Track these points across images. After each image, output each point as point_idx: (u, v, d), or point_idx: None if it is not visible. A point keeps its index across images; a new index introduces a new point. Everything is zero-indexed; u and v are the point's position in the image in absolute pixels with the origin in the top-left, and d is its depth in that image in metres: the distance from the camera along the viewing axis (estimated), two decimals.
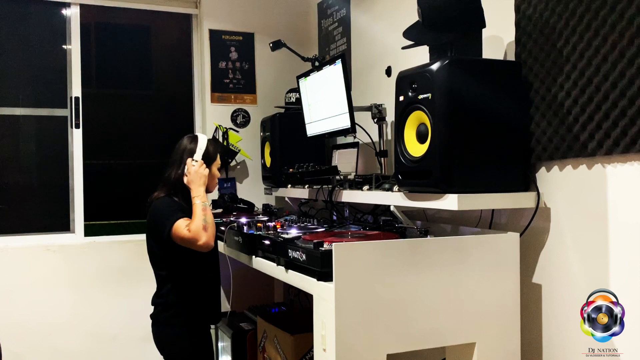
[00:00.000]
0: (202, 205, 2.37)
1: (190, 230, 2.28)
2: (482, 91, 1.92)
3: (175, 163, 2.51)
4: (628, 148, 1.68)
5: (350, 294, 1.75)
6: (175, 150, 2.55)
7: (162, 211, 2.40)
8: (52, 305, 3.47)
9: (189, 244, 2.31)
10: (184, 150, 2.52)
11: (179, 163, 2.50)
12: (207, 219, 2.33)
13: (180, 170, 2.48)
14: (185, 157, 2.49)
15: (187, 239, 2.29)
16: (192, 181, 2.44)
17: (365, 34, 3.27)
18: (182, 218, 2.34)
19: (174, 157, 2.53)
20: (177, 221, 2.33)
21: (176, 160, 2.51)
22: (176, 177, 2.47)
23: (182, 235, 2.30)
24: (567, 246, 1.95)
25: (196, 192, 2.41)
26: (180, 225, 2.31)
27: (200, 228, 2.29)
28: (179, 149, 2.53)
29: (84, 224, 3.66)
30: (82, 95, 3.68)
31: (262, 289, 3.82)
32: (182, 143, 2.55)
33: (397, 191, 2.16)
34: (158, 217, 2.40)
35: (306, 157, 2.98)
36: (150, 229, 2.46)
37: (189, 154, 2.50)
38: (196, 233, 2.28)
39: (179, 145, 2.55)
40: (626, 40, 1.68)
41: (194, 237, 2.28)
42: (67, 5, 3.68)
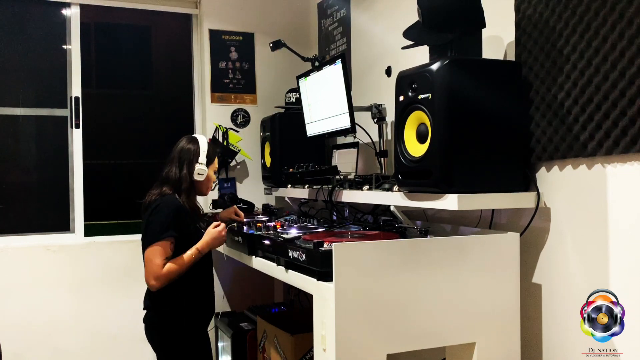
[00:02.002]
0: (193, 258, 2.38)
1: (162, 274, 2.30)
2: (482, 91, 1.92)
3: (175, 162, 2.50)
4: (628, 148, 1.68)
5: (350, 294, 1.75)
6: (173, 149, 2.55)
7: (160, 219, 2.36)
8: (52, 305, 3.47)
9: (148, 271, 2.32)
10: (182, 150, 2.52)
11: (179, 162, 2.49)
12: (179, 274, 2.35)
13: (185, 171, 2.47)
14: (188, 158, 2.49)
15: (150, 269, 2.31)
16: (208, 239, 2.44)
17: (365, 34, 3.27)
18: (169, 241, 2.33)
19: (172, 155, 2.53)
20: (161, 242, 2.32)
21: (175, 159, 2.50)
22: (179, 177, 2.46)
23: (152, 263, 2.30)
24: (567, 246, 1.95)
25: (201, 246, 2.42)
26: (158, 251, 2.31)
27: (169, 279, 2.32)
28: (178, 148, 2.53)
29: (84, 224, 3.66)
30: (82, 95, 3.67)
31: (262, 289, 3.82)
32: (181, 143, 2.55)
33: (397, 191, 2.16)
34: (153, 222, 2.36)
35: (306, 157, 2.98)
36: (144, 225, 2.42)
37: (191, 155, 2.50)
38: (163, 278, 2.31)
39: (177, 144, 2.55)
40: (626, 40, 1.68)
41: (158, 278, 2.30)
42: (67, 5, 3.68)
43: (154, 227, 2.35)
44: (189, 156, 2.50)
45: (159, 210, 2.38)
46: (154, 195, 2.45)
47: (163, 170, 2.52)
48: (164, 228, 2.33)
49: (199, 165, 2.50)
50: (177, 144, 2.56)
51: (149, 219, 2.39)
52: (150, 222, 2.37)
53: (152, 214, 2.39)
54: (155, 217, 2.37)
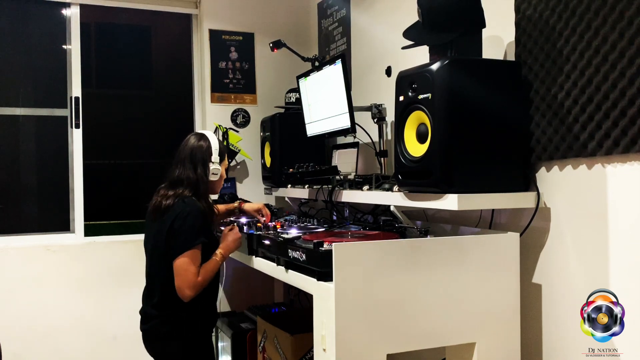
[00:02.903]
0: (219, 264, 2.32)
1: (199, 283, 2.22)
2: (482, 91, 1.92)
3: (187, 162, 2.38)
4: (628, 148, 1.68)
5: (350, 294, 1.75)
6: (182, 148, 2.42)
7: (189, 225, 2.24)
8: (52, 305, 3.46)
9: (183, 281, 2.21)
10: (194, 149, 2.40)
11: (193, 163, 2.37)
12: (210, 279, 2.29)
13: (200, 171, 2.36)
14: (201, 157, 2.38)
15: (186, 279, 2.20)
16: (229, 242, 2.38)
17: (365, 34, 3.27)
18: (199, 248, 2.25)
19: (183, 155, 2.40)
20: (194, 250, 2.23)
21: (188, 160, 2.38)
22: (195, 179, 2.35)
23: (188, 272, 2.20)
24: (567, 246, 1.95)
25: (224, 250, 2.35)
26: (192, 260, 2.22)
27: (202, 287, 2.25)
28: (189, 147, 2.41)
29: (84, 224, 3.66)
30: (82, 95, 3.67)
31: (262, 289, 3.82)
32: (190, 141, 2.43)
33: (397, 191, 2.16)
34: (183, 228, 2.24)
35: (306, 157, 2.98)
36: (167, 230, 2.26)
37: (204, 154, 2.39)
38: (198, 287, 2.23)
39: (186, 143, 2.43)
40: (626, 40, 1.68)
41: (194, 287, 2.21)
42: (67, 5, 3.68)
43: (185, 235, 2.23)
44: (202, 155, 2.39)
45: (186, 216, 2.25)
46: (171, 198, 2.31)
47: (173, 171, 2.39)
48: (195, 235, 2.23)
49: (213, 164, 2.40)
50: (186, 143, 2.43)
51: (173, 225, 2.25)
52: (179, 228, 2.24)
53: (177, 219, 2.25)
54: (184, 223, 2.24)
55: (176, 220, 2.25)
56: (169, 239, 2.26)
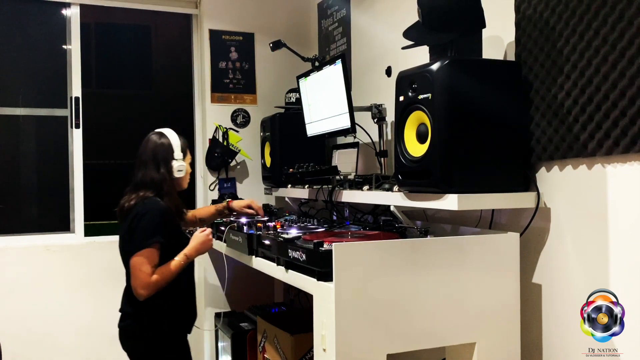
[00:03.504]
0: (181, 265, 2.31)
1: (152, 282, 2.22)
2: (482, 91, 1.92)
3: (149, 163, 2.38)
4: (628, 148, 1.68)
5: (350, 294, 1.75)
6: (143, 149, 2.41)
7: (145, 224, 2.26)
8: (52, 305, 3.47)
9: (136, 280, 2.22)
10: (155, 148, 2.40)
11: (155, 162, 2.37)
12: (168, 282, 2.27)
13: (163, 170, 2.37)
14: (163, 156, 2.38)
15: (139, 278, 2.21)
16: (196, 244, 2.37)
17: (365, 34, 3.27)
18: (155, 247, 2.24)
19: (145, 156, 2.39)
20: (149, 250, 2.23)
21: (150, 160, 2.38)
22: (159, 179, 2.36)
23: (141, 272, 2.21)
24: (567, 246, 1.95)
25: (189, 251, 2.35)
26: (146, 259, 2.22)
27: (158, 287, 2.24)
28: (150, 146, 2.40)
29: (84, 224, 3.66)
30: (82, 95, 3.68)
31: (262, 289, 3.82)
32: (151, 140, 2.42)
33: (397, 191, 2.16)
34: (138, 228, 2.26)
35: (306, 157, 2.98)
36: (128, 231, 2.30)
37: (165, 152, 2.39)
38: (152, 287, 2.22)
39: (147, 143, 2.42)
40: (626, 40, 1.68)
41: (147, 287, 2.21)
42: (67, 5, 3.68)
43: (139, 234, 2.25)
44: (164, 154, 2.39)
45: (143, 215, 2.27)
46: (134, 199, 2.33)
47: (137, 173, 2.39)
48: (150, 234, 2.24)
49: (176, 161, 2.40)
50: (147, 143, 2.42)
51: (131, 225, 2.28)
52: (135, 228, 2.26)
53: (135, 219, 2.28)
54: (140, 222, 2.26)
55: (134, 220, 2.28)
56: (129, 238, 2.30)
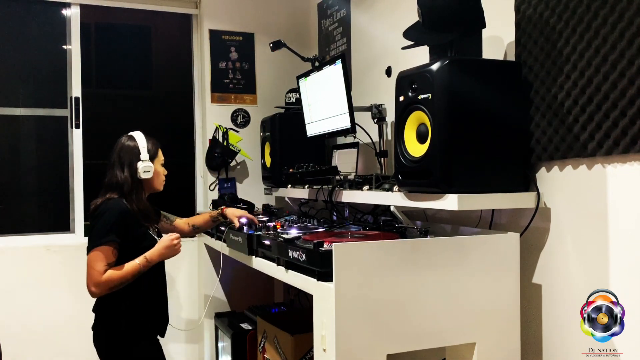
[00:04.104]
0: (139, 267, 2.30)
1: (102, 281, 2.23)
2: (482, 91, 1.92)
3: (117, 165, 2.41)
4: (628, 148, 1.68)
5: (350, 294, 1.75)
6: (113, 151, 2.45)
7: (101, 223, 2.28)
8: (52, 305, 3.47)
9: (88, 277, 2.25)
10: (121, 151, 2.43)
11: (120, 164, 2.40)
12: (123, 283, 2.27)
13: (126, 173, 2.39)
14: (128, 158, 2.41)
15: (90, 275, 2.24)
16: (160, 248, 2.37)
17: (365, 34, 3.27)
18: (111, 246, 2.25)
19: (113, 158, 2.43)
20: (102, 248, 2.24)
21: (116, 162, 2.41)
22: (124, 180, 2.38)
23: (93, 269, 2.23)
24: (567, 246, 1.95)
25: (150, 255, 2.35)
26: (99, 257, 2.24)
27: (110, 287, 2.25)
28: (117, 149, 2.44)
29: (84, 224, 3.66)
30: (82, 95, 3.68)
31: (262, 289, 3.82)
32: (120, 143, 2.46)
33: (397, 191, 2.16)
34: (94, 226, 2.30)
35: (306, 157, 2.98)
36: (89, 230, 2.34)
37: (130, 154, 2.41)
38: (103, 285, 2.23)
39: (116, 146, 2.46)
40: (626, 41, 1.68)
41: (98, 285, 2.23)
42: (67, 5, 3.68)
43: (95, 232, 2.28)
44: (129, 156, 2.42)
45: (101, 215, 2.30)
46: (99, 201, 2.37)
47: (106, 176, 2.43)
48: (104, 232, 2.26)
49: (142, 162, 2.41)
50: (115, 147, 2.46)
51: (91, 223, 2.33)
52: (93, 227, 2.31)
53: (94, 218, 2.32)
54: (97, 221, 2.30)
55: (93, 219, 2.32)
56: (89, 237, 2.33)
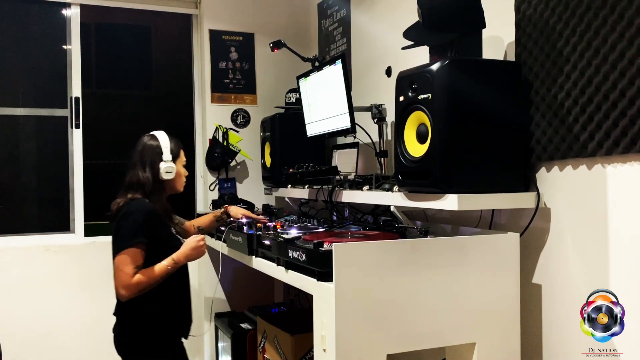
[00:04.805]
0: (168, 269, 2.27)
1: (132, 283, 2.19)
2: (482, 91, 1.92)
3: (138, 164, 2.37)
4: (628, 148, 1.68)
5: (350, 294, 1.75)
6: (134, 150, 2.41)
7: (129, 224, 2.24)
8: (52, 305, 3.46)
9: (117, 280, 2.21)
10: (143, 151, 2.39)
11: (142, 164, 2.36)
12: (152, 285, 2.24)
13: (147, 173, 2.35)
14: (150, 158, 2.37)
15: (119, 278, 2.19)
16: (186, 250, 2.33)
17: (366, 34, 3.27)
18: (139, 248, 2.21)
19: (135, 158, 2.39)
20: (131, 250, 2.20)
21: (138, 162, 2.37)
22: (146, 180, 2.34)
23: (122, 272, 2.19)
24: (567, 246, 1.95)
25: (178, 256, 2.31)
26: (128, 259, 2.19)
27: (140, 289, 2.21)
28: (140, 148, 2.40)
29: (84, 224, 3.66)
30: (82, 95, 3.68)
31: (262, 289, 3.82)
32: (142, 142, 2.42)
33: (397, 191, 2.16)
34: (122, 227, 2.25)
35: (306, 157, 2.98)
36: (114, 232, 2.29)
37: (153, 154, 2.38)
38: (133, 288, 2.19)
39: (138, 145, 2.42)
40: (626, 41, 1.68)
41: (127, 287, 2.19)
42: (67, 5, 3.68)
43: (122, 233, 2.23)
44: (151, 156, 2.37)
45: (127, 215, 2.25)
46: (121, 201, 2.32)
47: (126, 176, 2.38)
48: (132, 234, 2.21)
49: (165, 163, 2.37)
50: (137, 146, 2.42)
51: (118, 224, 2.27)
52: (119, 227, 2.25)
53: (120, 219, 2.26)
54: (123, 222, 2.25)
55: (119, 220, 2.26)
56: (114, 239, 2.28)
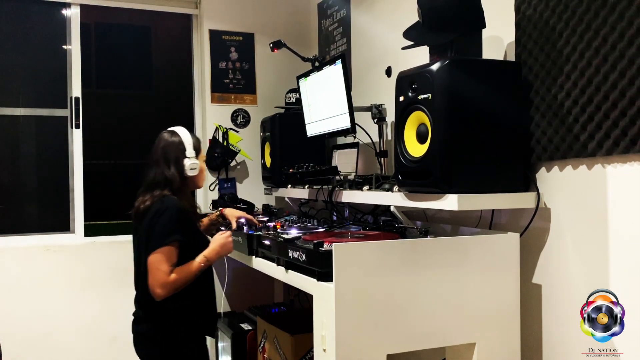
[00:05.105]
0: (202, 266, 2.24)
1: (169, 282, 2.15)
2: (482, 91, 1.92)
3: (162, 162, 2.32)
4: (628, 148, 1.68)
5: (350, 294, 1.75)
6: (155, 148, 2.36)
7: (164, 222, 2.19)
8: (52, 305, 3.46)
9: (153, 279, 2.15)
10: (165, 147, 2.34)
11: (166, 161, 2.31)
12: (186, 283, 2.21)
13: (173, 170, 2.30)
14: (174, 154, 2.32)
15: (156, 277, 2.14)
16: (216, 247, 2.31)
17: (365, 34, 3.27)
18: (174, 246, 2.18)
19: (157, 155, 2.34)
20: (167, 248, 2.16)
21: (161, 159, 2.32)
22: (172, 177, 2.29)
23: (159, 270, 2.14)
24: (567, 246, 1.95)
25: (209, 253, 2.28)
26: (164, 257, 2.15)
27: (175, 287, 2.17)
28: (161, 145, 2.35)
29: (84, 224, 3.66)
30: (82, 95, 3.67)
31: (262, 289, 3.82)
32: (162, 138, 2.37)
33: (397, 191, 2.16)
34: (157, 225, 2.20)
35: (306, 157, 2.98)
36: (147, 230, 2.22)
37: (176, 151, 2.33)
38: (170, 286, 2.15)
39: (158, 142, 2.37)
40: (626, 41, 1.68)
41: (164, 286, 2.14)
42: (67, 5, 3.68)
43: (157, 231, 2.18)
44: (175, 152, 2.32)
45: (162, 213, 2.21)
46: (149, 200, 2.27)
47: (149, 173, 2.33)
48: (168, 232, 2.18)
49: (189, 159, 2.33)
50: (159, 142, 2.36)
51: (151, 222, 2.21)
52: (154, 225, 2.20)
53: (154, 217, 2.21)
54: (158, 220, 2.20)
55: (153, 218, 2.21)
56: (147, 238, 2.22)
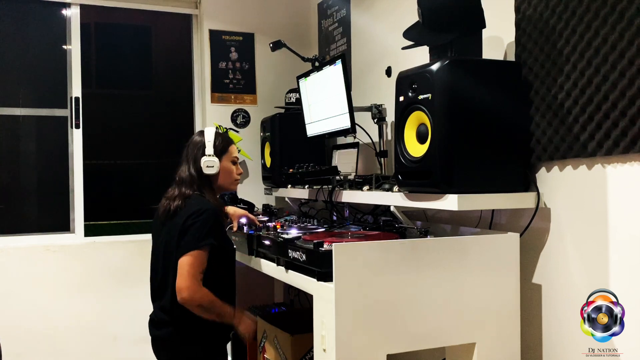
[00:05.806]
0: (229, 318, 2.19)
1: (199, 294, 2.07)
2: (482, 91, 1.92)
3: (185, 160, 2.32)
4: (628, 148, 1.68)
5: (350, 294, 1.75)
6: (186, 147, 2.36)
7: (200, 222, 2.13)
8: (52, 305, 3.46)
9: (181, 279, 2.07)
10: (188, 146, 2.35)
11: (187, 159, 2.31)
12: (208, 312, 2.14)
13: (191, 168, 2.28)
14: (194, 153, 2.30)
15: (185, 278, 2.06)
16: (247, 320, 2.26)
17: (366, 34, 3.27)
18: (206, 250, 2.11)
19: (183, 154, 2.35)
20: (199, 252, 2.09)
21: (185, 157, 2.33)
22: (192, 174, 2.27)
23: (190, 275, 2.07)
24: (567, 246, 1.95)
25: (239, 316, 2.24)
26: (194, 263, 2.08)
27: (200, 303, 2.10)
28: (188, 144, 2.36)
29: (84, 224, 3.66)
30: (82, 95, 3.68)
31: (262, 289, 3.82)
32: (191, 138, 2.38)
33: (397, 191, 2.17)
34: (193, 226, 2.12)
35: (306, 158, 2.98)
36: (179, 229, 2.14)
37: (196, 149, 2.32)
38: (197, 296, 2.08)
39: (190, 142, 2.37)
40: (626, 41, 1.68)
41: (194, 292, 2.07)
42: (67, 5, 3.68)
43: (194, 233, 2.11)
44: (195, 151, 2.31)
45: (198, 215, 2.14)
46: (177, 198, 2.23)
47: (177, 172, 2.33)
48: (204, 235, 2.11)
49: (206, 157, 2.28)
50: (188, 142, 2.38)
51: (186, 222, 2.13)
52: (190, 226, 2.12)
53: (191, 217, 2.14)
54: (196, 221, 2.13)
55: (189, 218, 2.14)
56: (180, 237, 2.14)
